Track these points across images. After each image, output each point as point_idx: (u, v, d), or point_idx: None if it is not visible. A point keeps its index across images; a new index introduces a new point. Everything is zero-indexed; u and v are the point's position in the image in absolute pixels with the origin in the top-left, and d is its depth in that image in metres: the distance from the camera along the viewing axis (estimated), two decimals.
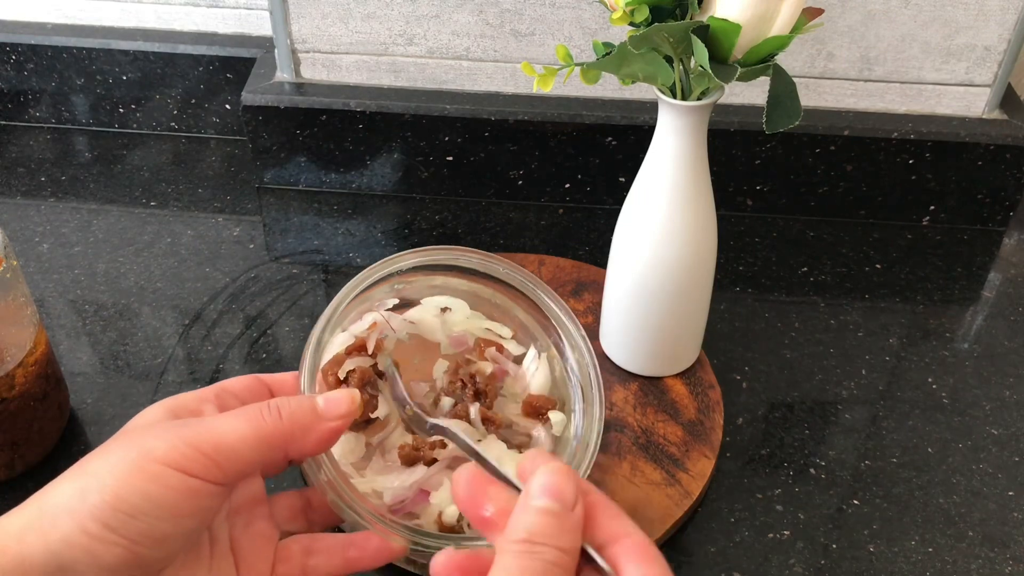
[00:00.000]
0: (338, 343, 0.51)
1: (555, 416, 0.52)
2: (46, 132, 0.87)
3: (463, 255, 0.53)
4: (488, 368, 0.53)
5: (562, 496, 0.35)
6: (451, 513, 0.47)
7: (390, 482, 0.48)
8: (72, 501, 0.37)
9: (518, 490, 0.36)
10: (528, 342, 0.55)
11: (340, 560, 0.44)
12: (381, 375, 0.51)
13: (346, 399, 0.42)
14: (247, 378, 0.46)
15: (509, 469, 0.38)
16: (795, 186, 0.79)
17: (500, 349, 0.54)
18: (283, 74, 0.78)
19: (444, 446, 0.49)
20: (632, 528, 0.35)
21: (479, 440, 0.50)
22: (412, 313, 0.54)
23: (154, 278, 0.73)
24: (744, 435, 0.62)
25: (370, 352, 0.50)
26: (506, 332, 0.56)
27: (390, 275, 0.51)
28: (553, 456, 0.38)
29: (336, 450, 0.47)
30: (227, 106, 0.85)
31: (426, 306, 0.54)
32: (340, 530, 0.48)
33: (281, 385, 0.47)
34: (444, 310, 0.54)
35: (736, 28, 0.46)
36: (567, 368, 0.53)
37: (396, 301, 0.53)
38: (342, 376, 0.49)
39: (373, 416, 0.49)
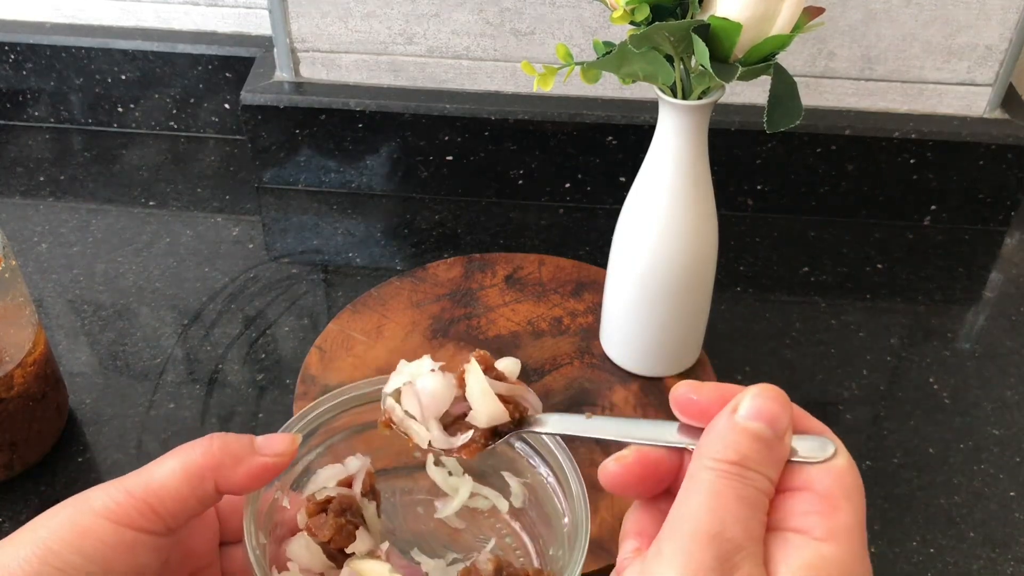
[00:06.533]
0: (325, 477, 0.46)
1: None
2: (44, 132, 0.87)
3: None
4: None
5: (776, 424, 0.32)
6: None
7: None
8: (7, 557, 0.36)
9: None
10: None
11: None
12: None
13: (286, 439, 0.41)
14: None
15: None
16: (796, 186, 0.79)
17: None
18: (282, 73, 0.78)
19: None
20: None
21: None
22: None
23: (153, 278, 0.72)
24: None
25: (357, 492, 0.46)
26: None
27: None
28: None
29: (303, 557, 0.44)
30: (226, 105, 0.85)
31: None
32: None
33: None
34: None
35: (737, 27, 0.46)
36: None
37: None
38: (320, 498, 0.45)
39: (350, 551, 0.44)
